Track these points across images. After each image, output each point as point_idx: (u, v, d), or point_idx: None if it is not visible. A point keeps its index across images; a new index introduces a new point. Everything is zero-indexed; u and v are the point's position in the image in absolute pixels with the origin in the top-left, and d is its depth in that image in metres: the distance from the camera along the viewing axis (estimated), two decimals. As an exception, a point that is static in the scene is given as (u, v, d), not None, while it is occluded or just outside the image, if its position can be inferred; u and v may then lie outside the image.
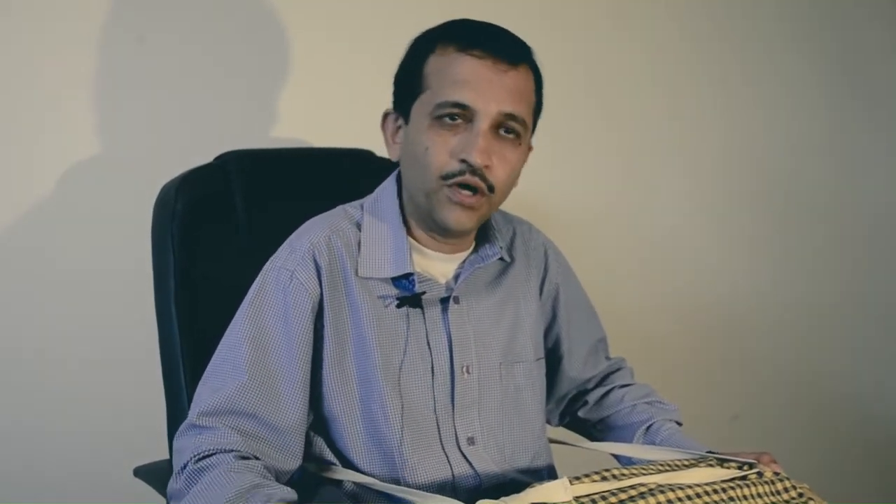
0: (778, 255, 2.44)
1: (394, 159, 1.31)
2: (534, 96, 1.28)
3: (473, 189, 1.22)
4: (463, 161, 1.20)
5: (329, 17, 1.83)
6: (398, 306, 1.27)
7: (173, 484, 1.17)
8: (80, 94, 1.65)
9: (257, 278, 1.27)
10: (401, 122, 1.29)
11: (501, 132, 1.23)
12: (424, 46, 1.27)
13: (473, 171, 1.20)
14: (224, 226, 1.46)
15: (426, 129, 1.23)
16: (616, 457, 1.41)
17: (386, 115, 1.32)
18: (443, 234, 1.29)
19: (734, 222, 2.37)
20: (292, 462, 1.23)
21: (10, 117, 1.62)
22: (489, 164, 1.21)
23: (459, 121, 1.21)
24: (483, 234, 1.35)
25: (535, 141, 1.32)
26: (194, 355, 1.38)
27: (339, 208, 1.34)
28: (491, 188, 1.22)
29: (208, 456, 1.15)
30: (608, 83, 2.17)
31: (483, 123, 1.20)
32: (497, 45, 1.23)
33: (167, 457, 1.43)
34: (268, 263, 1.28)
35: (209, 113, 1.74)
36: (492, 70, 1.21)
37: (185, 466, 1.15)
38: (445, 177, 1.21)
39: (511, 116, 1.22)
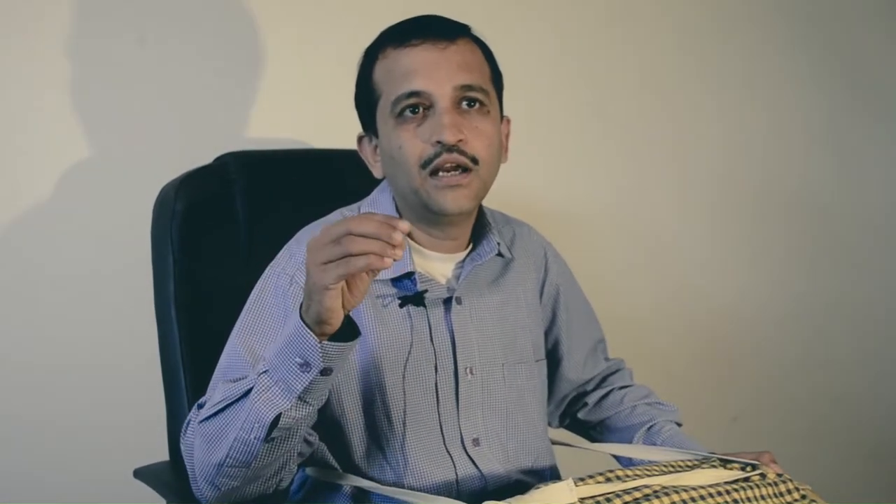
0: (777, 256, 2.44)
1: (379, 176, 1.32)
2: (486, 65, 1.29)
3: (457, 167, 1.22)
4: (437, 143, 1.21)
5: (329, 18, 1.83)
6: (401, 305, 1.26)
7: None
8: (80, 94, 1.64)
9: (257, 284, 1.27)
10: (374, 140, 1.30)
11: (464, 106, 1.23)
12: (368, 60, 1.29)
13: (450, 149, 1.21)
14: (224, 226, 1.46)
15: (393, 130, 1.24)
16: (616, 458, 1.41)
17: (360, 139, 1.33)
18: (443, 224, 1.28)
19: (734, 223, 2.37)
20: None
21: (10, 117, 1.61)
22: (463, 138, 1.21)
23: (420, 110, 1.22)
24: (480, 233, 1.35)
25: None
26: (194, 356, 1.39)
27: (337, 212, 1.34)
28: (474, 160, 1.23)
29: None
30: (606, 84, 2.17)
31: (442, 103, 1.21)
32: (430, 28, 1.25)
33: (167, 458, 1.44)
34: (267, 269, 1.27)
35: (209, 113, 1.74)
36: (432, 51, 1.23)
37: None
38: (425, 164, 1.21)
39: (467, 87, 1.23)
